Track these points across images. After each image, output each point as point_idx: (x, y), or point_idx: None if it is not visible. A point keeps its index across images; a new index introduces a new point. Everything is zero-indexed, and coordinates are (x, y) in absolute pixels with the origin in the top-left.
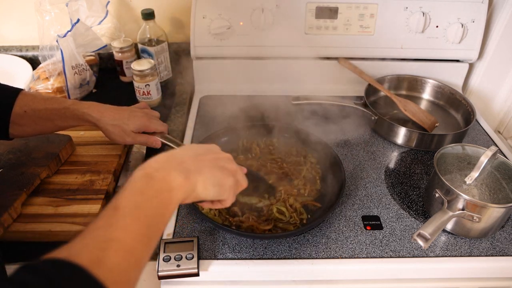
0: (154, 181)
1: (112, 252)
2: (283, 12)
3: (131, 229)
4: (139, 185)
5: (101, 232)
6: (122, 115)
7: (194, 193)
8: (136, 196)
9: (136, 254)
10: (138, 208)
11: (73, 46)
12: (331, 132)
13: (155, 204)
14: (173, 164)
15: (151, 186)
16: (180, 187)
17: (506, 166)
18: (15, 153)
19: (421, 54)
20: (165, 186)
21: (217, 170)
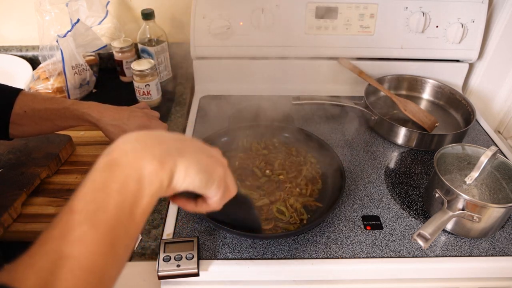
0: (119, 170)
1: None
2: (283, 12)
3: (89, 240)
4: (100, 178)
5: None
6: (122, 115)
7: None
8: (96, 193)
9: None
10: (97, 211)
11: (73, 46)
12: (331, 132)
13: (120, 201)
14: (148, 145)
15: (114, 178)
16: (153, 175)
17: (506, 166)
18: (15, 153)
19: (421, 54)
20: (132, 175)
21: (204, 156)
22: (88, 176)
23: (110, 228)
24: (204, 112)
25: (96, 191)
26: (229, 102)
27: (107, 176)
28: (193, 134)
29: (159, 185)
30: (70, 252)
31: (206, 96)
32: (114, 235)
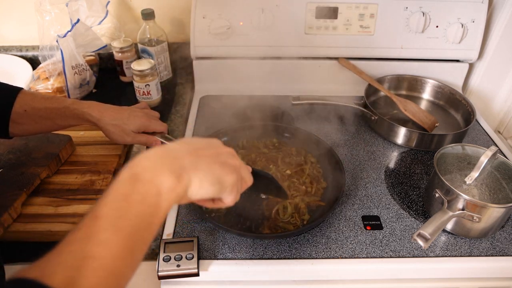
0: (141, 184)
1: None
2: (283, 12)
3: (112, 243)
4: (123, 189)
5: (78, 247)
6: (122, 115)
7: (189, 194)
8: (119, 203)
9: (117, 272)
10: (120, 218)
11: (73, 46)
12: (331, 132)
13: (141, 211)
14: (166, 162)
15: (136, 190)
16: (171, 190)
17: (506, 166)
18: (15, 153)
19: (421, 54)
20: (152, 190)
21: (217, 166)
22: (112, 186)
23: (131, 234)
24: (204, 112)
25: (119, 201)
26: (229, 102)
27: (130, 188)
28: (193, 134)
29: (176, 198)
30: (95, 253)
31: (206, 96)
32: (133, 241)
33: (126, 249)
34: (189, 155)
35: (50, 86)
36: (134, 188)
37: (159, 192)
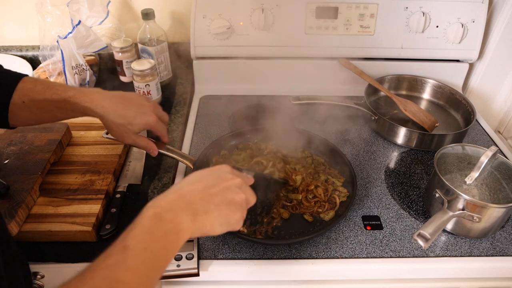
0: (163, 223)
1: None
2: (283, 12)
3: (138, 271)
4: (148, 225)
5: (110, 272)
6: (129, 113)
7: (201, 232)
8: (145, 236)
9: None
10: (146, 249)
11: (73, 47)
12: (331, 132)
13: (163, 245)
14: (182, 205)
15: (160, 227)
16: (188, 229)
17: (506, 166)
18: (16, 145)
19: (421, 54)
20: (173, 228)
21: (225, 207)
22: (136, 221)
23: (154, 264)
24: (204, 112)
25: (145, 235)
26: (229, 102)
27: (153, 225)
28: (193, 134)
29: (191, 235)
30: (124, 278)
31: (206, 96)
32: (154, 270)
33: (149, 276)
34: (201, 198)
35: None
36: (157, 226)
37: (178, 231)
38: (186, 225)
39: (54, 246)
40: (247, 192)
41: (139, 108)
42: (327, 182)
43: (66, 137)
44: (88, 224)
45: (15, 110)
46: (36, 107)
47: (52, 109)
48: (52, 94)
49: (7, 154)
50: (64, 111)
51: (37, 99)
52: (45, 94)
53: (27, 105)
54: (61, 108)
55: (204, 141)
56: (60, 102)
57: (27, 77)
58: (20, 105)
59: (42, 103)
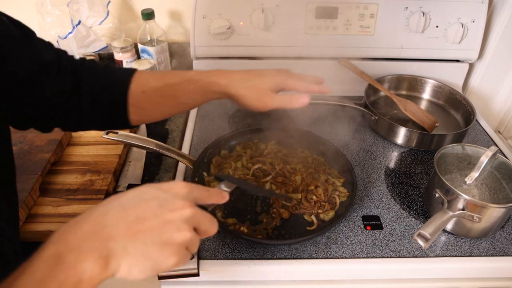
0: (62, 268)
1: None
2: (283, 12)
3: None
4: (41, 271)
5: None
6: (253, 74)
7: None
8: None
9: None
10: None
11: (73, 47)
12: (331, 132)
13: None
14: (94, 243)
15: (55, 275)
16: (93, 277)
17: (506, 166)
18: (16, 145)
19: (421, 54)
20: (72, 277)
21: (155, 249)
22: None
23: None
24: (204, 112)
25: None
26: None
27: (48, 271)
28: (193, 134)
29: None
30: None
31: None
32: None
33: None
34: (124, 232)
35: None
36: (53, 273)
37: (80, 281)
38: (92, 273)
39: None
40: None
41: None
42: (327, 182)
43: (66, 137)
44: None
45: (135, 103)
46: (158, 95)
47: (174, 94)
48: (172, 77)
49: None
50: (189, 94)
51: (157, 85)
52: (165, 79)
53: (148, 94)
54: (184, 90)
55: (204, 141)
56: (183, 83)
57: (140, 70)
58: (141, 95)
59: (163, 89)
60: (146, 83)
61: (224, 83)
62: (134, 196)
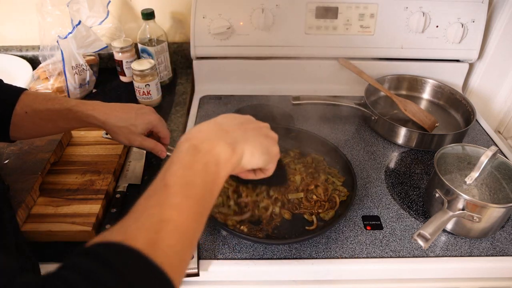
0: (201, 154)
1: (167, 234)
2: (283, 12)
3: (183, 207)
4: (186, 159)
5: (154, 212)
6: (129, 115)
7: (242, 164)
8: (185, 171)
9: (190, 234)
10: (187, 185)
11: (73, 47)
12: (331, 132)
13: (204, 179)
14: (220, 134)
15: (198, 160)
16: (227, 160)
17: (506, 166)
18: (17, 145)
19: (421, 54)
20: (212, 160)
21: (264, 139)
22: (174, 157)
23: (198, 199)
24: (204, 112)
25: (185, 169)
26: (229, 102)
27: (192, 158)
28: None
29: (232, 167)
30: (170, 216)
31: (206, 96)
32: (200, 204)
33: (195, 212)
34: (238, 128)
35: (50, 86)
36: (196, 158)
37: (218, 162)
38: (225, 154)
39: (54, 246)
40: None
41: (139, 109)
42: (327, 182)
43: (66, 137)
44: (88, 224)
45: (17, 122)
46: (39, 117)
47: (54, 119)
48: (54, 104)
49: (7, 154)
50: (67, 120)
51: (40, 109)
52: (47, 104)
53: (29, 115)
54: (63, 118)
55: None
56: (63, 111)
57: (28, 90)
58: (23, 116)
59: (44, 113)
60: (30, 105)
61: (101, 119)
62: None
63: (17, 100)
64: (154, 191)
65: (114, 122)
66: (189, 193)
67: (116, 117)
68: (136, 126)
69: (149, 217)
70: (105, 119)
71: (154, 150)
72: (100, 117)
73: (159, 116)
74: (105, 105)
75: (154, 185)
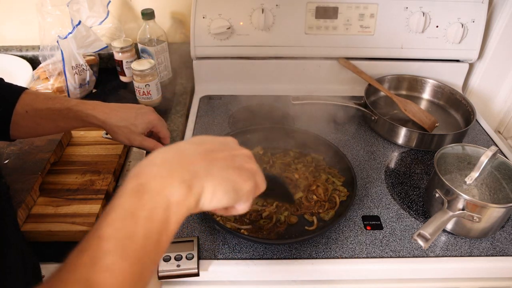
0: (148, 196)
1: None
2: (283, 12)
3: (118, 268)
4: (128, 204)
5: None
6: (129, 115)
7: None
8: (124, 221)
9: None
10: (127, 239)
11: (73, 47)
12: (331, 132)
13: (148, 229)
14: (175, 168)
15: (143, 205)
16: (181, 202)
17: (506, 166)
18: (17, 145)
19: (421, 54)
20: (161, 203)
21: (232, 172)
22: (116, 200)
23: (138, 257)
24: (204, 112)
25: (124, 219)
26: (229, 102)
27: (135, 202)
28: (193, 134)
29: (186, 210)
30: (100, 281)
31: (206, 96)
32: (141, 264)
33: (134, 274)
34: (202, 158)
35: (50, 86)
36: (140, 203)
37: (168, 205)
38: (178, 195)
39: (54, 246)
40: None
41: (139, 109)
42: (327, 182)
43: (66, 137)
44: (88, 224)
45: (17, 121)
46: (39, 116)
47: (55, 118)
48: (55, 103)
49: (7, 154)
50: (67, 120)
51: (40, 108)
52: (48, 104)
53: (30, 114)
54: (63, 117)
55: None
56: (63, 110)
57: (29, 90)
58: (23, 115)
59: (44, 112)
60: (30, 104)
61: (101, 118)
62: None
63: (18, 99)
64: (88, 245)
65: (115, 121)
66: (128, 250)
67: (117, 117)
68: (137, 125)
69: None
70: (105, 118)
71: (154, 150)
72: (101, 117)
73: (159, 116)
74: (105, 105)
75: (88, 236)
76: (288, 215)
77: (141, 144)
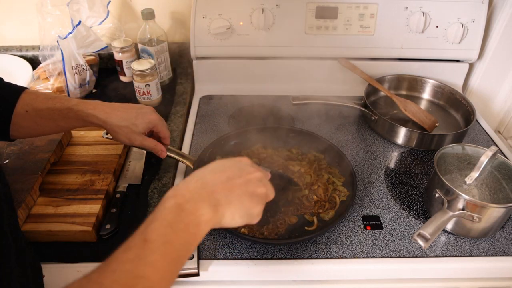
0: (184, 214)
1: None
2: (283, 12)
3: (159, 265)
4: (169, 217)
5: (131, 267)
6: (130, 115)
7: (221, 223)
8: (166, 229)
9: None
10: (167, 243)
11: (73, 47)
12: (331, 132)
13: (184, 238)
14: (204, 195)
15: (181, 219)
16: (208, 221)
17: (506, 166)
18: (16, 145)
19: (421, 54)
20: (194, 220)
21: (247, 199)
22: (157, 212)
23: (174, 258)
24: (204, 112)
25: (167, 227)
26: (229, 102)
27: (175, 217)
28: (193, 134)
29: (211, 227)
30: (145, 273)
31: (206, 96)
32: (175, 264)
33: (170, 271)
34: (223, 187)
35: (50, 86)
36: (178, 217)
37: (199, 223)
38: (207, 216)
39: (54, 246)
40: (267, 186)
41: (139, 109)
42: (327, 182)
43: (66, 137)
44: (88, 224)
45: (18, 121)
46: (39, 116)
47: (55, 118)
48: (55, 103)
49: (7, 154)
50: (67, 120)
51: (40, 108)
52: (48, 103)
53: (30, 114)
54: (64, 117)
55: (204, 141)
56: (64, 110)
57: (29, 89)
58: (24, 115)
59: (45, 112)
60: (30, 103)
61: (102, 118)
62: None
63: (18, 99)
64: (134, 245)
65: (115, 121)
66: (167, 252)
67: (117, 117)
68: (137, 125)
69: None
70: (106, 118)
71: (154, 150)
72: (101, 116)
73: (159, 116)
74: (106, 105)
75: (134, 238)
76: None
77: (142, 144)
